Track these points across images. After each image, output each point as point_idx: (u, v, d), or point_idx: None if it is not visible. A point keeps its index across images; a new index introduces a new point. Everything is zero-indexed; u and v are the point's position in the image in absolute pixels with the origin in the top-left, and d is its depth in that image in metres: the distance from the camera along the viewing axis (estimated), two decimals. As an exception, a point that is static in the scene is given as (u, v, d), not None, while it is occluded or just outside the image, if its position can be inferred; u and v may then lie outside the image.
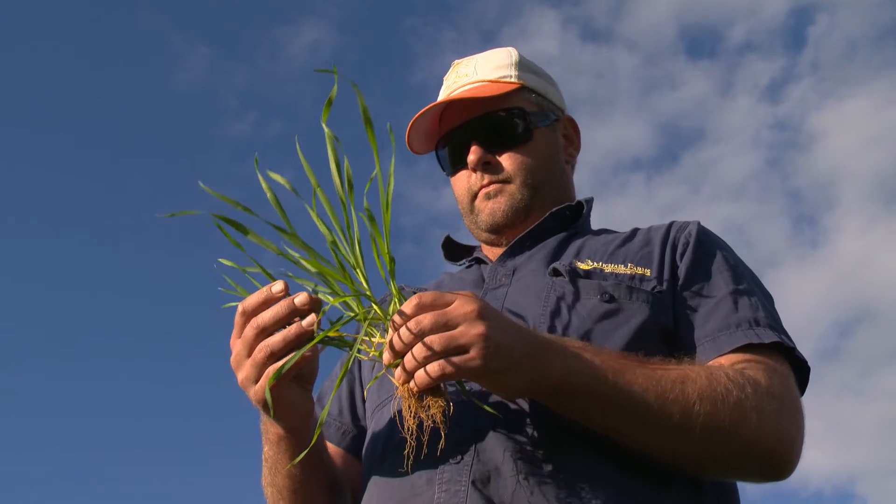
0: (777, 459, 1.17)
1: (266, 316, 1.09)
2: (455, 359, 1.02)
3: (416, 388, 1.05)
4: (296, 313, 1.09)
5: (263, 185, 1.19)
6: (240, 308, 1.12)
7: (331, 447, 1.44)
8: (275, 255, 1.17)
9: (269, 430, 1.26)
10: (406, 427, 1.08)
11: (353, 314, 1.12)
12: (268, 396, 1.06)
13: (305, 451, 1.06)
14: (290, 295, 1.11)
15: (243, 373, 1.11)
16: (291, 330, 1.08)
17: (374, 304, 1.12)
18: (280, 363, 1.07)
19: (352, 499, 1.37)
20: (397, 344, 1.05)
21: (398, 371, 1.06)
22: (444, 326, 1.03)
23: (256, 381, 1.10)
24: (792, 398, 1.21)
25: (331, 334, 1.11)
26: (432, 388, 1.06)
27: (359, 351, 1.13)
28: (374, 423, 1.34)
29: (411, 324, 1.03)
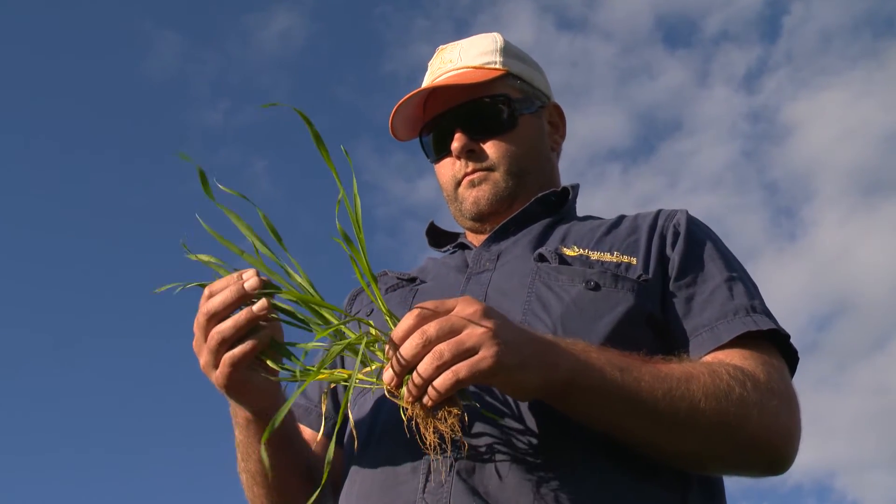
0: (778, 454, 1.18)
1: (215, 301, 1.07)
2: (466, 362, 0.98)
3: (430, 403, 1.00)
4: (247, 297, 1.07)
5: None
6: (206, 291, 1.10)
7: (311, 433, 1.42)
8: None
9: (238, 413, 1.24)
10: (429, 444, 1.03)
11: (346, 342, 1.07)
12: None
13: (269, 429, 1.01)
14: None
15: (203, 358, 1.10)
16: (241, 316, 1.05)
17: (371, 327, 1.09)
18: (235, 351, 1.06)
19: (332, 486, 1.35)
20: (403, 359, 1.00)
21: (405, 390, 1.02)
22: (450, 332, 0.99)
23: (215, 367, 1.09)
24: (789, 393, 1.22)
25: (322, 376, 1.08)
26: (446, 399, 1.01)
27: (358, 381, 1.09)
28: (357, 409, 1.32)
29: (416, 335, 0.99)
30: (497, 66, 1.52)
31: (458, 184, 1.51)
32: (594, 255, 1.32)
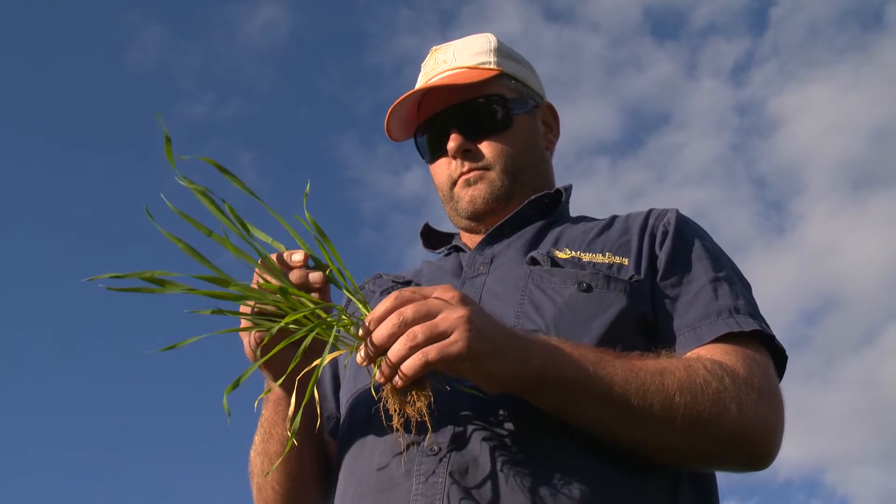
0: (758, 449, 1.18)
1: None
2: (437, 345, 1.01)
3: (400, 383, 1.04)
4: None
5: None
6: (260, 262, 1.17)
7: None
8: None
9: (271, 389, 1.27)
10: (394, 427, 1.06)
11: (322, 325, 1.10)
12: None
13: (310, 388, 1.07)
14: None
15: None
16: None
17: (343, 313, 1.12)
18: None
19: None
20: (379, 338, 1.03)
21: (379, 369, 1.05)
22: (426, 315, 1.03)
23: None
24: (771, 388, 1.22)
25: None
26: (416, 382, 1.05)
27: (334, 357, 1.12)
28: (349, 410, 1.33)
29: (393, 317, 1.03)
30: (492, 67, 1.53)
31: (454, 183, 1.52)
32: (586, 257, 1.33)
